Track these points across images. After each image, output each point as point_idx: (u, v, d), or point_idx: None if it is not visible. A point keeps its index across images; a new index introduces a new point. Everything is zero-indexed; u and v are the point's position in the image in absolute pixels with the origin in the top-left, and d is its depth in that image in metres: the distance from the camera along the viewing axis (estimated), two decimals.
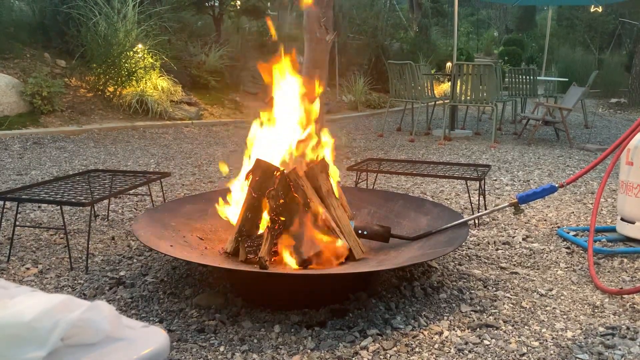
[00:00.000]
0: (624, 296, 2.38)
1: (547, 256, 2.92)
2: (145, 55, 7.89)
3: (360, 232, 2.50)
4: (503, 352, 1.90)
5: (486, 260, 2.82)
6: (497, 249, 3.01)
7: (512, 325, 2.10)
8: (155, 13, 8.44)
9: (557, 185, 2.84)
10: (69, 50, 7.91)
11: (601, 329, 2.09)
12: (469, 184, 3.78)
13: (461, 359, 1.85)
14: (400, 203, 2.94)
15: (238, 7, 11.09)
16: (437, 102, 8.61)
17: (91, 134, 6.59)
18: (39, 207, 3.59)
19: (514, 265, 2.78)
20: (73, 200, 2.64)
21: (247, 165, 2.53)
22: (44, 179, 4.34)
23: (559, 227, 3.43)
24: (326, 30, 4.84)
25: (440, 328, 2.05)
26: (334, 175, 2.60)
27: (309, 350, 1.87)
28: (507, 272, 2.67)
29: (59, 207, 3.17)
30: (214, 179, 4.61)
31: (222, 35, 10.52)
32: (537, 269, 2.73)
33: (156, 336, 0.94)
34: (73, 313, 0.87)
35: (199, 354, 1.85)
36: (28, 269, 2.59)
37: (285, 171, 2.39)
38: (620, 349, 1.93)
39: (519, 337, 2.00)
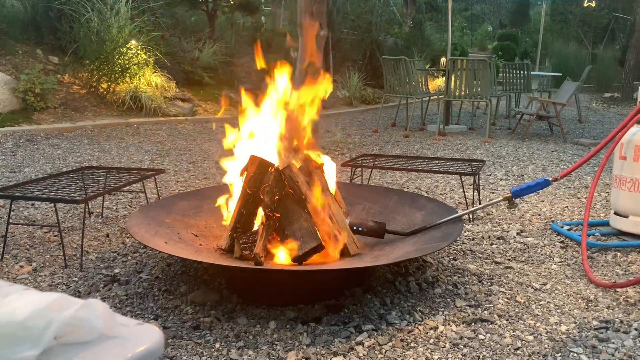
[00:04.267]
0: (618, 290, 2.40)
1: (541, 250, 2.93)
2: (139, 52, 7.85)
3: (355, 228, 2.49)
4: (498, 346, 1.91)
5: (481, 255, 2.83)
6: (491, 244, 3.02)
7: (507, 320, 2.11)
8: (148, 9, 8.40)
9: (550, 179, 2.85)
10: (62, 47, 7.86)
11: (595, 322, 2.10)
12: (463, 179, 3.79)
13: (456, 353, 1.86)
14: (394, 198, 2.95)
15: (232, 2, 11.05)
16: (431, 98, 8.62)
17: (85, 130, 6.55)
18: (33, 204, 3.57)
19: (509, 259, 2.79)
20: (67, 197, 2.62)
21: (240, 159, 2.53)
22: (38, 176, 4.32)
23: (553, 221, 3.45)
24: (320, 25, 4.82)
25: (435, 323, 2.05)
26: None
27: (304, 346, 1.87)
28: (501, 266, 2.68)
29: (52, 204, 3.16)
30: (209, 175, 4.60)
31: (215, 31, 10.48)
32: (532, 264, 2.74)
33: (151, 334, 0.94)
34: (67, 311, 0.87)
35: (194, 351, 1.85)
36: (22, 266, 2.58)
37: (279, 167, 2.39)
38: (614, 343, 1.94)
39: (513, 332, 2.01)
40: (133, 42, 7.82)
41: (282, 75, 2.60)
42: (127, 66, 7.64)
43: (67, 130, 6.49)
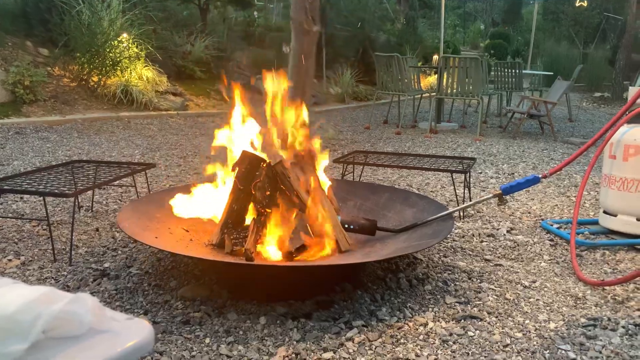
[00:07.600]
0: (606, 288, 2.42)
1: (530, 248, 2.95)
2: (130, 45, 7.80)
3: (347, 226, 2.49)
4: (487, 343, 1.92)
5: (471, 252, 2.84)
6: (481, 241, 3.03)
7: (496, 317, 2.12)
8: (140, 2, 8.34)
9: (540, 176, 2.87)
10: (52, 39, 7.78)
11: (583, 320, 2.12)
12: (454, 177, 3.80)
13: (445, 350, 1.87)
14: (386, 195, 2.95)
15: None
16: (423, 95, 8.63)
17: (75, 124, 6.50)
18: (21, 198, 3.54)
19: (498, 257, 2.81)
20: (56, 191, 2.60)
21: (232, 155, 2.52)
22: (27, 169, 4.28)
23: (542, 219, 3.47)
24: (313, 21, 4.82)
25: (425, 319, 2.06)
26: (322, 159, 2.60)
27: (294, 342, 1.87)
28: (491, 264, 2.69)
29: (41, 198, 3.13)
30: (200, 170, 4.58)
31: (208, 25, 10.43)
32: (521, 261, 2.76)
33: (140, 328, 0.93)
34: (56, 305, 0.86)
35: (184, 346, 1.85)
36: (10, 260, 2.56)
37: (271, 163, 2.38)
38: (601, 340, 1.96)
39: (502, 329, 2.03)
40: (124, 35, 7.76)
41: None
42: (118, 59, 7.58)
43: (57, 123, 6.44)
